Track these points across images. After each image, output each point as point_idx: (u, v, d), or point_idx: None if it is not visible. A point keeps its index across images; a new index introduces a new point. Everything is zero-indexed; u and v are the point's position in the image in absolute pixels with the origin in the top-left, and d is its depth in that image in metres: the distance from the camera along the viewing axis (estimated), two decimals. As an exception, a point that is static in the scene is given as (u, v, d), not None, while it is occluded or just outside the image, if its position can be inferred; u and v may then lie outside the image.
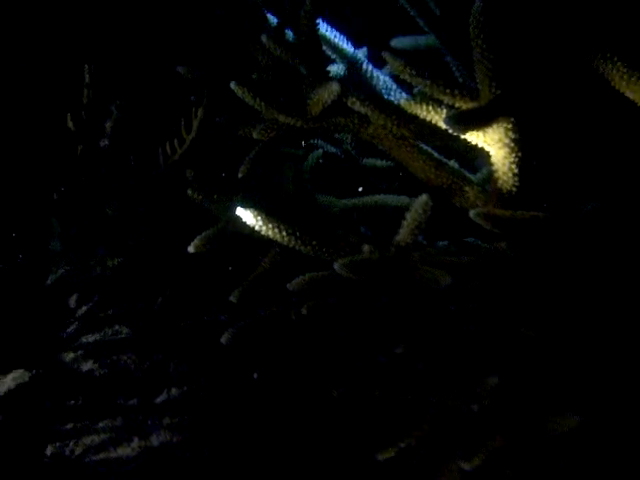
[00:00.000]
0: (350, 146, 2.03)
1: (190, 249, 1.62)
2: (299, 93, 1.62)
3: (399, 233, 1.35)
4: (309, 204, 1.83)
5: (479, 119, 1.37)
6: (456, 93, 1.38)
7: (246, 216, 1.41)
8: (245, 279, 1.64)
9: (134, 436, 1.79)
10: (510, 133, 1.37)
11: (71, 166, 2.22)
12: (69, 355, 2.01)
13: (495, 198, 1.46)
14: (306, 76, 1.61)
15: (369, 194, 1.87)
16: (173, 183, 1.96)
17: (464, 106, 1.39)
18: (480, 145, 1.42)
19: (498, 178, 1.43)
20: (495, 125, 1.37)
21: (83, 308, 2.16)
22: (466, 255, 1.43)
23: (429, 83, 1.37)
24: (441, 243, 1.66)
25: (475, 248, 1.52)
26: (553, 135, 1.62)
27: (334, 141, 2.03)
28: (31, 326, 2.11)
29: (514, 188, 1.42)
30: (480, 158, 1.62)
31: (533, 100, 1.50)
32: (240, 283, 1.63)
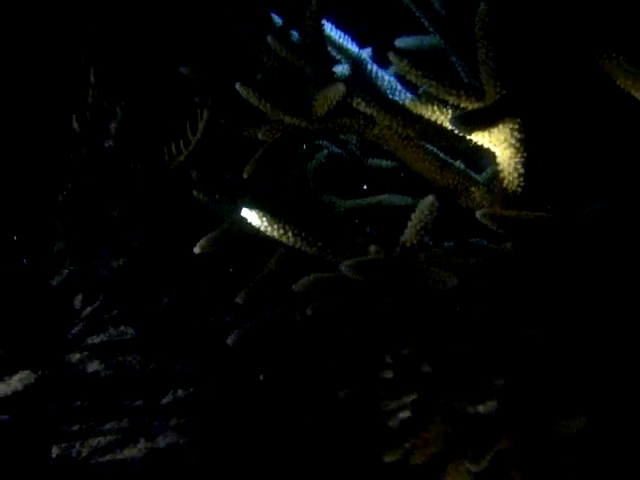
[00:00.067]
0: (355, 147, 2.03)
1: (196, 250, 1.63)
2: (304, 94, 1.62)
3: (405, 234, 1.35)
4: (314, 205, 1.82)
5: (485, 119, 1.37)
6: (462, 93, 1.38)
7: (251, 217, 1.41)
8: (251, 280, 1.64)
9: (140, 437, 1.79)
10: (516, 133, 1.37)
11: (75, 167, 2.22)
12: (75, 356, 2.01)
13: (500, 198, 1.46)
14: (311, 77, 1.61)
15: (374, 194, 1.87)
16: (178, 184, 1.96)
17: (470, 106, 1.39)
18: (486, 145, 1.42)
19: (504, 178, 1.43)
20: (501, 125, 1.37)
21: (88, 309, 2.16)
22: (472, 256, 1.42)
23: (435, 84, 1.37)
24: (446, 243, 1.65)
25: (481, 249, 1.52)
26: (558, 135, 1.62)
27: (339, 142, 2.02)
28: (36, 327, 2.11)
29: (520, 188, 1.42)
30: (485, 158, 1.62)
31: (538, 100, 1.50)
32: (245, 284, 1.63)
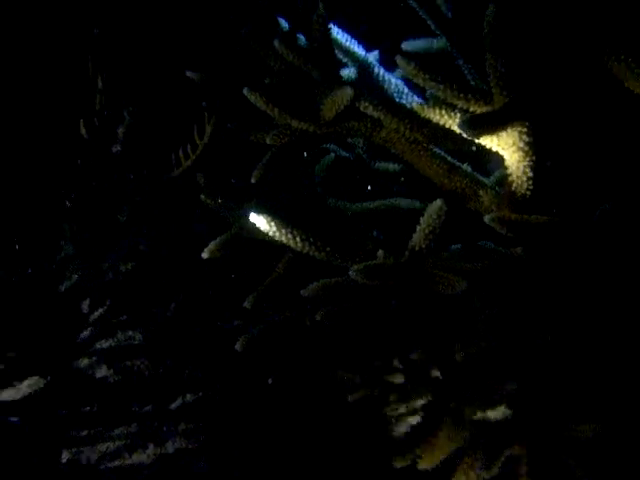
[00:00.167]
0: (362, 150, 2.02)
1: (204, 255, 1.63)
2: (312, 98, 1.61)
3: (413, 238, 1.34)
4: (322, 209, 1.82)
5: (493, 123, 1.36)
6: (470, 97, 1.37)
7: (260, 222, 1.41)
8: (259, 285, 1.63)
9: (149, 442, 1.79)
10: (524, 137, 1.37)
11: (83, 172, 2.23)
12: (83, 361, 2.01)
13: (509, 202, 1.45)
14: (319, 81, 1.61)
15: (381, 197, 1.87)
16: (186, 188, 1.96)
17: (478, 110, 1.38)
18: (494, 149, 1.41)
19: (512, 182, 1.42)
20: (509, 129, 1.37)
21: (96, 314, 2.17)
22: (481, 260, 1.42)
23: (443, 87, 1.36)
24: (454, 247, 1.65)
25: (489, 252, 1.51)
26: (567, 138, 1.61)
27: (346, 145, 2.02)
28: (45, 332, 2.12)
29: (528, 192, 1.42)
30: (493, 161, 1.62)
31: (546, 103, 1.50)
32: (254, 289, 1.63)
